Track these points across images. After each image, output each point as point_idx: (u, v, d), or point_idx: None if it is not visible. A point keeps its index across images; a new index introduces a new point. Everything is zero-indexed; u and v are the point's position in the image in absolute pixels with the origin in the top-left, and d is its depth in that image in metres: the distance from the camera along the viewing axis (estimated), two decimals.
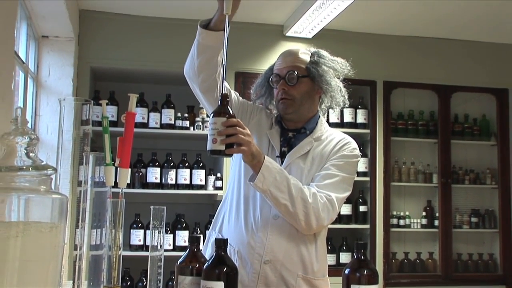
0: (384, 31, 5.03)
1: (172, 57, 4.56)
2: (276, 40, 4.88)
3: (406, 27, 4.93)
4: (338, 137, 2.15)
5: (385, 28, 4.96)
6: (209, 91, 2.03)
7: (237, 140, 1.76)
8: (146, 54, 4.67)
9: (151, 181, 4.59)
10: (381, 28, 4.96)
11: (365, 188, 4.99)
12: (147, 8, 4.57)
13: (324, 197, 1.97)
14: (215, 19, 1.91)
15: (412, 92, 5.26)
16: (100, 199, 1.42)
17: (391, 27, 4.93)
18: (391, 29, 4.99)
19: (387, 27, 4.94)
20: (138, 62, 4.66)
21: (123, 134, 1.45)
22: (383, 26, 4.92)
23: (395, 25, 4.88)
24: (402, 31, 5.05)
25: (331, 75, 2.12)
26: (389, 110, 5.02)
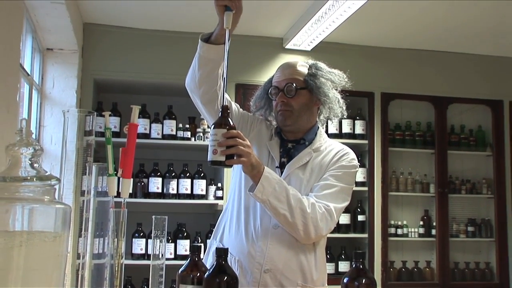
0: (382, 44, 5.05)
1: (174, 69, 4.57)
2: (276, 52, 4.90)
3: (403, 40, 4.95)
4: (337, 148, 2.15)
5: (382, 41, 4.97)
6: (210, 103, 2.04)
7: (237, 151, 1.76)
8: (148, 66, 4.68)
9: (153, 190, 4.59)
10: (379, 41, 4.97)
11: (364, 198, 4.98)
12: (149, 22, 4.59)
13: (322, 207, 1.97)
14: (216, 33, 1.91)
15: (409, 103, 5.27)
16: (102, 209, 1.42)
17: (389, 40, 4.95)
18: (388, 42, 5.01)
19: (385, 40, 4.96)
20: (140, 74, 4.67)
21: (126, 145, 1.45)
22: (381, 39, 4.93)
23: (393, 38, 4.90)
24: (399, 44, 5.07)
25: (329, 86, 2.13)
26: (386, 121, 5.03)
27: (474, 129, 5.38)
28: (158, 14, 4.41)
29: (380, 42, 5.00)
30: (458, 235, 5.18)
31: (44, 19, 3.72)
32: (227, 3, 1.80)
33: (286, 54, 4.87)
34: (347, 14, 3.93)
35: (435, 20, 4.41)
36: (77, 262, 1.33)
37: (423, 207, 5.21)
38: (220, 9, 1.82)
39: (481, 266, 5.21)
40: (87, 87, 4.52)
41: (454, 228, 5.19)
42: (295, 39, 4.62)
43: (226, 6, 1.81)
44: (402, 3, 4.08)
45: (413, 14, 4.30)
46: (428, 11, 4.23)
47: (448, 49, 5.18)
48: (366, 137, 4.99)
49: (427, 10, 4.22)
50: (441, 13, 4.26)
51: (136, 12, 4.39)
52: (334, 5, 3.81)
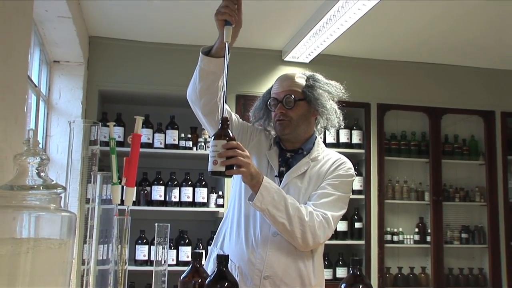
0: (378, 56, 5.06)
1: (176, 81, 4.58)
2: (275, 64, 4.91)
3: (399, 52, 4.96)
4: (334, 157, 2.15)
5: (379, 53, 4.99)
6: (210, 114, 2.04)
7: (237, 162, 1.76)
8: (151, 77, 4.69)
9: (155, 198, 4.58)
10: (375, 53, 4.99)
11: (360, 206, 4.97)
12: (152, 35, 4.61)
13: (320, 216, 1.97)
14: (216, 46, 1.91)
15: (404, 114, 5.28)
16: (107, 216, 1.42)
17: (385, 52, 4.97)
18: (384, 55, 5.03)
19: (381, 53, 4.98)
20: (144, 85, 4.68)
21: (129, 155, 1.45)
22: (377, 52, 4.95)
23: (389, 50, 4.92)
24: (394, 56, 5.08)
25: (326, 98, 2.13)
26: (382, 131, 5.03)
27: (467, 139, 5.39)
28: (160, 27, 4.43)
29: (376, 54, 5.02)
30: (452, 241, 5.17)
31: (51, 33, 3.74)
32: (227, 17, 1.81)
33: (285, 66, 4.88)
34: (344, 28, 3.95)
35: (429, 33, 4.43)
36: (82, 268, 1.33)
37: (418, 214, 5.21)
38: (220, 23, 1.83)
39: (474, 272, 5.20)
40: (92, 98, 4.53)
41: (448, 235, 5.18)
42: (294, 52, 4.64)
43: (226, 21, 1.82)
44: (397, 18, 4.10)
45: (407, 27, 4.32)
46: (422, 25, 4.24)
47: (442, 62, 5.20)
48: (362, 146, 4.99)
49: (421, 24, 4.24)
50: (434, 26, 4.28)
51: (140, 26, 4.41)
52: (331, 19, 3.83)
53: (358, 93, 4.87)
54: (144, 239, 4.51)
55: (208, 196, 4.65)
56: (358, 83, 4.97)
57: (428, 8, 3.92)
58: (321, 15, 3.84)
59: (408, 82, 5.18)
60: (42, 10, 3.34)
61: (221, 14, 1.81)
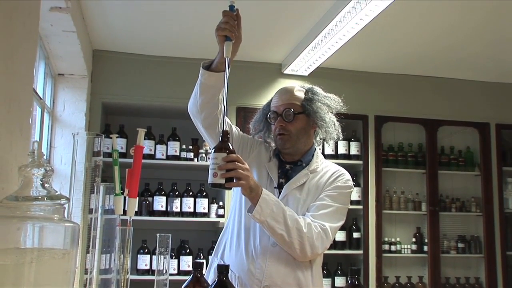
0: (376, 69, 5.07)
1: (178, 93, 4.59)
2: (274, 77, 4.92)
3: (396, 66, 4.98)
4: (333, 169, 2.15)
5: (376, 66, 5.00)
6: (211, 127, 2.04)
7: (236, 174, 1.76)
8: (153, 90, 4.70)
9: (157, 209, 4.58)
10: (372, 66, 5.00)
11: (359, 216, 4.96)
12: (155, 48, 4.62)
13: (318, 227, 1.96)
14: (217, 61, 1.92)
15: (401, 126, 5.29)
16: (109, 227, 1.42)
17: (382, 65, 4.98)
18: (382, 68, 5.04)
19: (379, 66, 4.99)
20: (146, 98, 4.69)
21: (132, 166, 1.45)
22: (374, 65, 4.96)
23: (386, 64, 4.93)
24: (392, 70, 5.10)
25: (325, 110, 2.13)
26: (380, 142, 5.03)
27: (463, 150, 5.38)
28: (163, 41, 4.44)
29: (373, 67, 5.03)
30: (449, 251, 5.16)
31: (56, 47, 3.75)
32: (227, 33, 1.82)
33: (284, 79, 4.90)
34: (342, 41, 3.96)
35: (427, 47, 4.44)
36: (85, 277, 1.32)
37: (416, 224, 5.19)
38: (221, 39, 1.84)
39: (471, 281, 5.17)
40: (95, 110, 4.54)
41: (445, 245, 5.16)
42: (293, 65, 4.65)
43: (226, 36, 1.83)
44: (395, 32, 4.11)
45: (405, 41, 4.33)
46: (420, 39, 4.26)
47: (439, 75, 5.21)
48: (360, 157, 4.99)
49: (420, 39, 4.25)
50: (433, 41, 4.29)
51: (142, 39, 4.42)
52: (330, 32, 3.84)
53: (356, 106, 4.88)
54: (146, 248, 4.49)
55: (209, 207, 4.64)
56: (356, 96, 4.98)
57: (428, 22, 3.94)
58: (320, 29, 3.86)
59: (405, 95, 5.19)
60: (48, 24, 3.35)
61: (222, 30, 1.82)
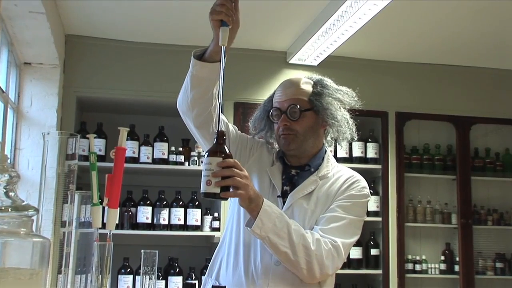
0: (396, 58, 5.07)
1: (166, 86, 4.59)
2: (278, 68, 4.93)
3: (419, 53, 4.98)
4: (346, 175, 2.15)
5: (397, 54, 5.00)
6: (204, 127, 2.04)
7: (234, 182, 1.75)
8: (137, 82, 4.70)
9: (141, 221, 4.58)
10: (393, 55, 5.00)
11: (377, 230, 4.97)
12: (138, 34, 4.62)
13: (328, 243, 1.96)
14: (210, 49, 1.91)
15: (427, 124, 5.29)
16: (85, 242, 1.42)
17: (404, 53, 4.98)
18: (403, 56, 5.04)
19: (400, 54, 4.99)
20: (129, 92, 4.69)
21: (112, 171, 1.46)
22: (395, 53, 4.96)
23: (408, 51, 4.93)
24: (415, 58, 5.10)
25: (337, 106, 2.13)
26: (402, 143, 5.04)
27: (500, 153, 5.38)
28: (148, 25, 4.44)
29: (394, 56, 5.03)
30: (485, 272, 5.15)
31: (22, 31, 3.76)
32: (223, 17, 1.80)
33: (290, 70, 4.90)
34: (357, 26, 3.96)
35: (454, 32, 4.44)
36: None
37: (444, 240, 5.20)
38: (215, 24, 1.82)
39: None
40: (69, 105, 4.54)
41: (480, 264, 5.16)
42: (300, 53, 4.65)
43: (222, 21, 1.80)
44: (418, 14, 4.11)
45: (429, 25, 4.33)
46: (446, 22, 4.26)
47: (470, 64, 5.20)
48: (379, 161, 5.00)
49: (445, 22, 4.25)
50: (460, 24, 4.29)
51: (124, 23, 4.42)
52: (343, 15, 3.84)
53: (374, 100, 4.88)
54: (128, 268, 4.50)
55: (202, 219, 4.65)
56: (374, 89, 4.98)
57: (460, 1, 3.90)
58: (331, 12, 3.86)
59: (432, 88, 5.19)
60: (11, 4, 3.35)
61: (217, 14, 1.81)
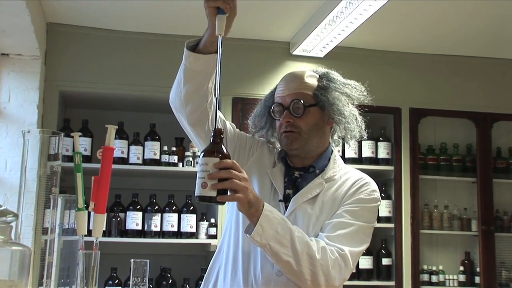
0: (410, 48, 5.07)
1: (157, 80, 4.59)
2: (281, 59, 4.93)
3: (436, 43, 4.97)
4: (354, 177, 2.15)
5: (411, 45, 5.00)
6: (198, 124, 2.05)
7: (232, 185, 1.76)
8: (127, 76, 4.70)
9: (131, 228, 4.58)
10: (406, 45, 5.00)
11: (389, 237, 4.97)
12: (128, 22, 4.62)
13: (335, 252, 1.96)
14: (205, 39, 1.92)
15: (444, 121, 5.29)
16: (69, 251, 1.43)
17: (419, 44, 4.97)
18: (418, 46, 5.04)
19: (413, 44, 4.98)
20: (117, 86, 4.69)
21: (99, 173, 1.46)
22: (408, 43, 4.96)
23: (423, 41, 4.92)
24: (432, 49, 5.09)
25: (344, 102, 2.13)
26: (417, 142, 5.03)
27: None
28: (139, 13, 4.44)
29: (407, 46, 5.03)
30: (508, 284, 5.15)
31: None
32: (220, 4, 1.80)
33: (293, 62, 4.90)
34: (367, 14, 3.96)
35: (473, 18, 4.43)
36: None
37: (464, 248, 5.20)
38: (211, 11, 1.82)
39: None
40: (51, 101, 4.54)
41: (503, 275, 5.16)
42: (305, 44, 4.65)
43: (218, 8, 1.81)
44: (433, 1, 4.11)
45: (445, 12, 4.32)
46: (465, 7, 4.24)
47: (493, 55, 5.20)
48: (391, 162, 5.00)
49: (463, 6, 4.24)
50: (481, 9, 4.28)
51: (113, 10, 4.42)
52: (351, 2, 3.84)
53: (386, 95, 4.89)
54: (117, 279, 4.50)
55: (198, 225, 4.65)
56: (386, 83, 4.98)
57: None
58: None
59: (450, 81, 5.19)
60: None
61: (213, 0, 1.82)
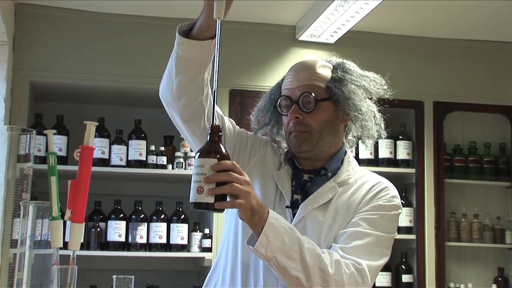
0: (436, 33, 5.06)
1: (144, 70, 4.58)
2: (286, 46, 4.93)
3: (466, 27, 4.96)
4: (372, 181, 2.16)
5: (436, 29, 4.99)
6: (193, 121, 2.05)
7: (232, 190, 1.75)
8: (108, 64, 4.69)
9: (113, 239, 4.57)
10: (430, 29, 4.99)
11: (410, 250, 4.97)
12: (110, 3, 4.60)
13: (351, 266, 1.96)
14: (200, 23, 1.92)
15: (474, 117, 5.30)
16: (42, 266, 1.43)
17: (445, 28, 4.96)
18: (444, 31, 5.03)
19: (439, 29, 4.98)
20: (97, 76, 4.67)
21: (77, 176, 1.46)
22: (433, 27, 4.95)
23: (450, 25, 4.91)
24: (460, 33, 5.09)
25: (362, 96, 2.14)
26: (442, 141, 5.03)
27: None
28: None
29: (431, 31, 5.02)
30: None
31: None
32: None
33: (300, 49, 4.90)
34: None
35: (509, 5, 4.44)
36: None
37: (496, 263, 5.21)
38: None
39: None
40: (20, 93, 4.53)
41: None
42: (313, 28, 4.64)
43: None
44: None
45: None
46: None
47: None
48: (412, 164, 5.00)
49: None
50: None
51: None
52: None
53: (407, 88, 4.88)
54: None
55: (190, 236, 4.65)
56: (406, 72, 4.98)
57: None
58: None
59: (481, 71, 5.18)
60: None
61: None
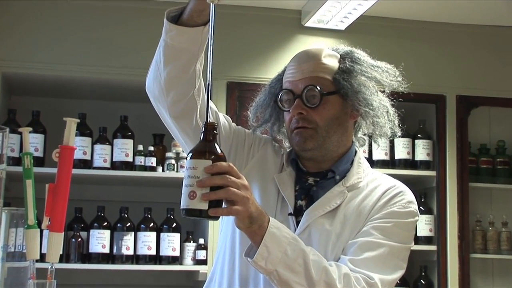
0: (459, 18, 5.05)
1: (130, 61, 4.58)
2: (290, 33, 4.93)
3: (493, 12, 4.95)
4: (385, 185, 2.16)
5: (460, 14, 4.98)
6: (183, 117, 2.06)
7: (228, 195, 1.75)
8: (89, 54, 4.69)
9: (95, 251, 4.57)
10: (453, 14, 4.99)
11: (430, 263, 4.98)
12: None
13: (361, 280, 1.96)
14: (191, 8, 1.92)
15: (502, 113, 5.31)
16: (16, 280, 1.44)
17: (469, 13, 4.95)
18: (470, 16, 5.02)
19: (464, 13, 4.96)
20: (76, 67, 4.66)
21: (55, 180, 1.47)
22: (457, 11, 4.94)
23: (476, 10, 4.90)
24: (486, 19, 5.08)
25: (373, 90, 2.14)
26: (466, 140, 5.03)
27: None
28: None
29: (454, 16, 5.02)
30: None
31: None
32: None
33: (306, 36, 4.91)
34: None
35: None
36: None
37: None
38: None
39: None
40: None
41: None
42: (320, 13, 4.65)
43: None
44: None
45: None
46: None
47: None
48: (432, 166, 5.00)
49: None
50: None
51: None
52: None
53: (425, 79, 4.89)
54: None
55: (182, 247, 4.65)
56: (425, 63, 4.98)
57: None
58: None
59: (510, 61, 5.18)
60: None
61: None
